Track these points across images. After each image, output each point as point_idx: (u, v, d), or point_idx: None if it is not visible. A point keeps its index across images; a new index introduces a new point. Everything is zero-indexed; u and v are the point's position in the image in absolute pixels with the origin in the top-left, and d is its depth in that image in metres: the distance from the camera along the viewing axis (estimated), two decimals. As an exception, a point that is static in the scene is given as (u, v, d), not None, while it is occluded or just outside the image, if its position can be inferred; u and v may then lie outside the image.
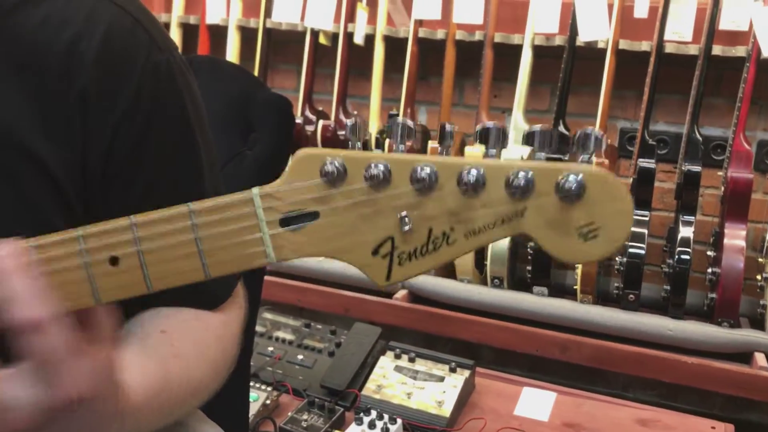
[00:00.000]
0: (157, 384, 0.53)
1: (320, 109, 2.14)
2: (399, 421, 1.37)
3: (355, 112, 2.11)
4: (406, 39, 2.02)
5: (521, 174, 0.43)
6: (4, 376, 0.40)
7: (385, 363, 1.51)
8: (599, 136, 1.77)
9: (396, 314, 1.83)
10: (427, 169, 0.42)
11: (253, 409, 1.42)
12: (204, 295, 0.64)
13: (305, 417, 1.40)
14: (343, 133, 2.02)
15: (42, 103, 0.57)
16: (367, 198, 0.43)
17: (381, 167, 0.42)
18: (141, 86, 0.60)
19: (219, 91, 0.90)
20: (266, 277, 1.84)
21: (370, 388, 1.46)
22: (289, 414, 1.41)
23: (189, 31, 2.35)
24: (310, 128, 2.07)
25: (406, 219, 0.43)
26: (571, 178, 0.43)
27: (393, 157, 0.43)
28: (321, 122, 2.07)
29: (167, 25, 2.34)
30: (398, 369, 1.50)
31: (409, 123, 1.79)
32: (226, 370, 0.64)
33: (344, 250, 0.44)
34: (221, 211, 0.43)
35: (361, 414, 1.38)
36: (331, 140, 2.04)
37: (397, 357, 1.52)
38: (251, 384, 1.50)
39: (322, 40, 2.12)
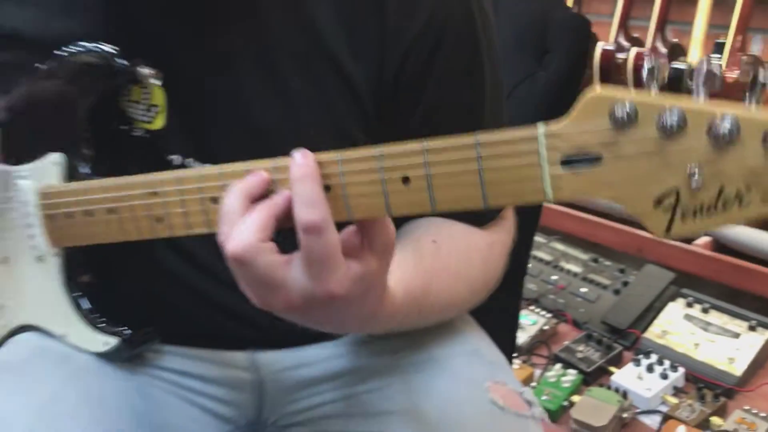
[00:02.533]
0: (417, 292, 0.57)
1: (635, 35, 2.01)
2: (681, 369, 1.32)
3: (676, 40, 1.94)
4: (746, -45, 1.78)
5: None
6: (285, 260, 0.48)
7: (674, 310, 1.45)
8: None
9: (694, 261, 1.70)
10: (728, 123, 0.39)
11: (531, 332, 1.47)
12: (474, 211, 0.67)
13: (581, 348, 1.41)
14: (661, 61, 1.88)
15: (349, 16, 0.61)
16: (656, 148, 0.41)
17: (675, 116, 0.40)
18: (435, 8, 0.61)
19: (520, 12, 0.91)
20: (560, 208, 1.85)
21: (653, 332, 1.42)
22: (565, 343, 1.44)
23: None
24: (621, 56, 1.96)
25: (696, 174, 0.40)
26: None
27: (690, 107, 0.40)
28: (634, 50, 1.95)
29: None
30: (688, 318, 1.42)
31: (714, 69, 1.55)
32: (486, 291, 0.66)
33: (624, 197, 0.42)
34: (505, 145, 0.44)
35: (641, 356, 1.35)
36: (642, 70, 1.91)
37: (689, 305, 1.45)
38: (531, 309, 1.55)
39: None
